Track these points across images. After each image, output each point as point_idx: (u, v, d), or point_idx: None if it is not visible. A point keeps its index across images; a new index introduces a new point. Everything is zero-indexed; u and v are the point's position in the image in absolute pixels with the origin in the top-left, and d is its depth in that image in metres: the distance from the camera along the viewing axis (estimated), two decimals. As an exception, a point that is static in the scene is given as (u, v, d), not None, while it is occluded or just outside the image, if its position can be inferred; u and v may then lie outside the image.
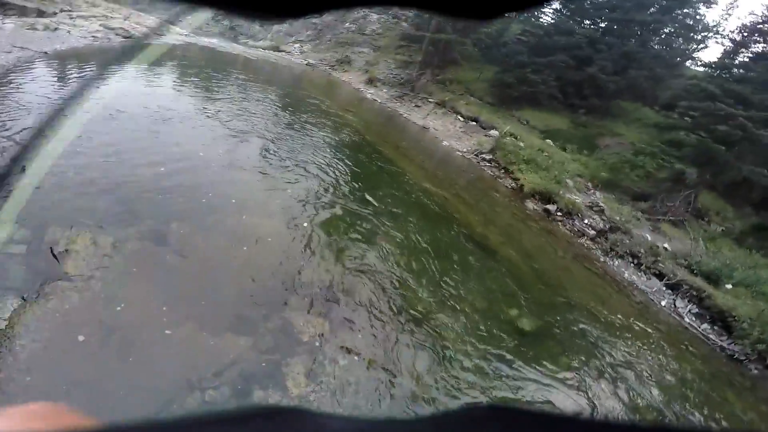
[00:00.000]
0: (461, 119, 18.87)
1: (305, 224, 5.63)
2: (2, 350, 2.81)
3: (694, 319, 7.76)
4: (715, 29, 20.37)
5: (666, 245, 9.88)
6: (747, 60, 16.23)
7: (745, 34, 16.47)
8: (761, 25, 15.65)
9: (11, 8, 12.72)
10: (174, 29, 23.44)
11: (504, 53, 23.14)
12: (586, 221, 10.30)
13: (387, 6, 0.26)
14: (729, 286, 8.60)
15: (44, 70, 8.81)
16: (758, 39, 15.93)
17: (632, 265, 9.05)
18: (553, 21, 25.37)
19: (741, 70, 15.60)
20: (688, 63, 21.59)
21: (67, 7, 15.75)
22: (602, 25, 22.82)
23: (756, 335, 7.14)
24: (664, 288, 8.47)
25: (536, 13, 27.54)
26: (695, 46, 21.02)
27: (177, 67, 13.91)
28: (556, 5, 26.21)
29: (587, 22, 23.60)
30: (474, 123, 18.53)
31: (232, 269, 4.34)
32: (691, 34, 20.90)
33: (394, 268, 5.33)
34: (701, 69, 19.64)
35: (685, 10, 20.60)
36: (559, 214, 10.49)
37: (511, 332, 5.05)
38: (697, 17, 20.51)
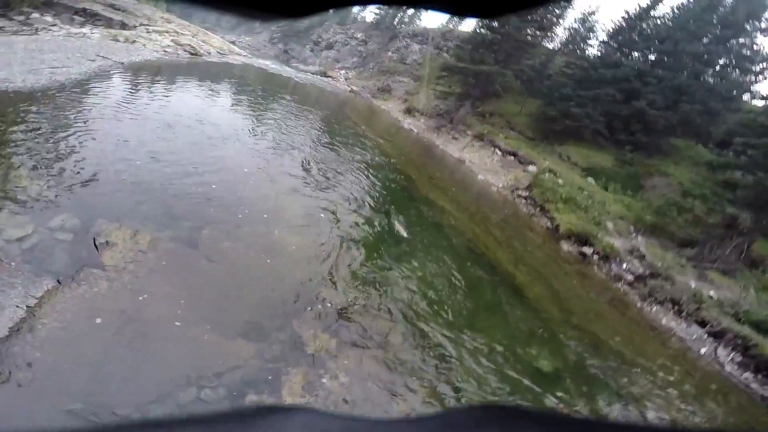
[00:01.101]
0: (499, 153, 18.67)
1: (331, 245, 5.71)
2: (23, 326, 2.95)
3: (735, 368, 7.31)
4: (775, 60, 18.48)
5: (712, 293, 9.15)
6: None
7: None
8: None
9: (99, 19, 14.63)
10: (234, 49, 25.62)
11: (547, 86, 22.71)
12: (624, 266, 9.72)
13: (387, 5, 0.26)
14: (781, 336, 7.99)
15: (118, 79, 9.87)
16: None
17: (672, 311, 8.50)
18: (599, 53, 24.73)
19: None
20: (745, 97, 19.81)
21: (146, 22, 17.75)
22: (651, 57, 21.78)
23: None
24: (705, 335, 7.94)
25: (582, 45, 27.00)
26: (753, 78, 19.21)
27: (233, 84, 15.05)
28: (602, 37, 25.50)
29: (635, 54, 22.62)
30: (512, 157, 18.25)
31: (254, 278, 4.45)
32: (749, 65, 19.17)
33: (413, 297, 5.22)
34: (761, 102, 17.94)
35: (741, 40, 19.16)
36: (595, 257, 9.92)
37: (529, 372, 4.74)
38: (755, 47, 18.94)
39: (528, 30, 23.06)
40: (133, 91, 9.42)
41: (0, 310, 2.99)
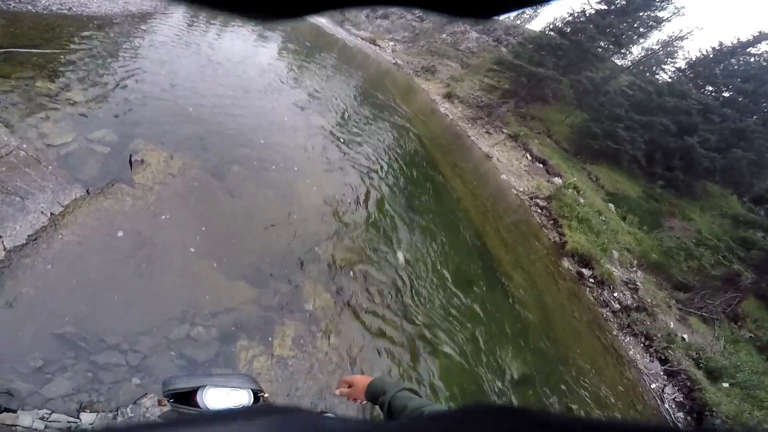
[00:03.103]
0: (529, 158, 18.27)
1: (350, 208, 5.93)
2: (42, 236, 2.89)
3: (673, 406, 7.54)
4: None
5: (685, 336, 9.36)
6: None
7: None
8: None
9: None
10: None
11: (601, 102, 21.72)
12: (615, 294, 9.83)
13: (386, 5, 0.24)
14: (726, 385, 8.26)
15: (182, 15, 10.10)
16: None
17: (642, 345, 8.74)
18: (670, 80, 23.21)
19: None
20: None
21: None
22: (725, 94, 20.34)
23: None
24: (662, 372, 8.17)
25: (654, 69, 25.51)
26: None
27: (287, 35, 15.09)
28: (681, 64, 24.22)
29: (710, 88, 21.22)
30: (541, 165, 17.88)
31: (268, 224, 4.57)
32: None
33: (414, 276, 5.39)
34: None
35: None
36: (591, 280, 9.97)
37: (497, 370, 4.96)
38: None
39: (602, 42, 21.51)
40: (192, 27, 9.67)
41: (24, 215, 2.90)
